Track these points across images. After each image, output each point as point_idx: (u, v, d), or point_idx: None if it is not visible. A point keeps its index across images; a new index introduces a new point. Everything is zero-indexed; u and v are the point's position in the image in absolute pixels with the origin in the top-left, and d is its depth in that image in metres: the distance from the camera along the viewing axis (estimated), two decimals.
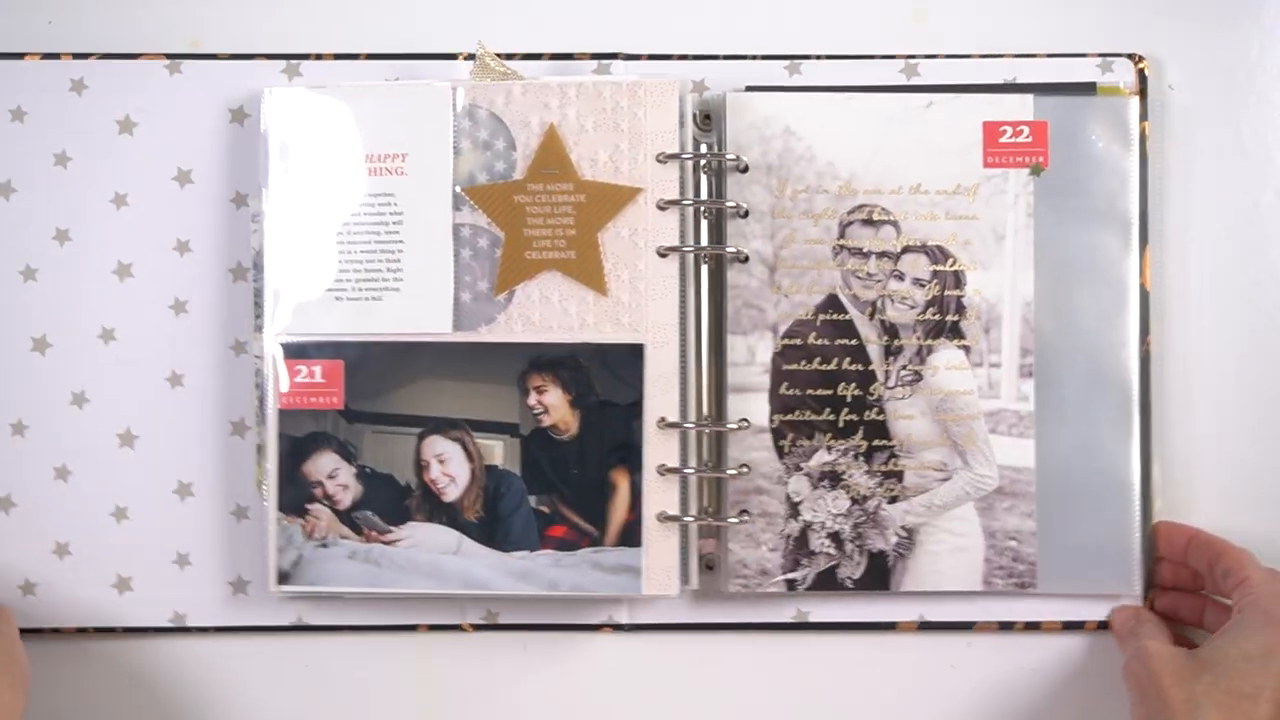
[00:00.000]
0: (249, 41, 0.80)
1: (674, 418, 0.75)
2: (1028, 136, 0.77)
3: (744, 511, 0.77)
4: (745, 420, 0.77)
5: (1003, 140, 0.77)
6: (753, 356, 0.77)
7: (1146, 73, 0.78)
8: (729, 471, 0.76)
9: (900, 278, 0.77)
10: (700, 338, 0.77)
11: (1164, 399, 0.78)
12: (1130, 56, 0.78)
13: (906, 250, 0.77)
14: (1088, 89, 0.78)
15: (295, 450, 0.76)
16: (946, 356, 0.77)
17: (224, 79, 0.79)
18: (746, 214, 0.77)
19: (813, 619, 0.78)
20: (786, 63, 0.79)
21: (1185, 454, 0.79)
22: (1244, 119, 0.80)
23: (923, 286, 0.77)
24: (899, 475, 0.77)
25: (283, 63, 0.79)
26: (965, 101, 0.77)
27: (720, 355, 0.77)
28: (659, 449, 0.75)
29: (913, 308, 0.77)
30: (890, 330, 0.77)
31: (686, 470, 0.75)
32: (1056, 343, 0.77)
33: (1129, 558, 0.77)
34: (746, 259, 0.77)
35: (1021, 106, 0.77)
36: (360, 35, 0.80)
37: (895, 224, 0.77)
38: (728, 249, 0.76)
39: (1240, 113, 0.80)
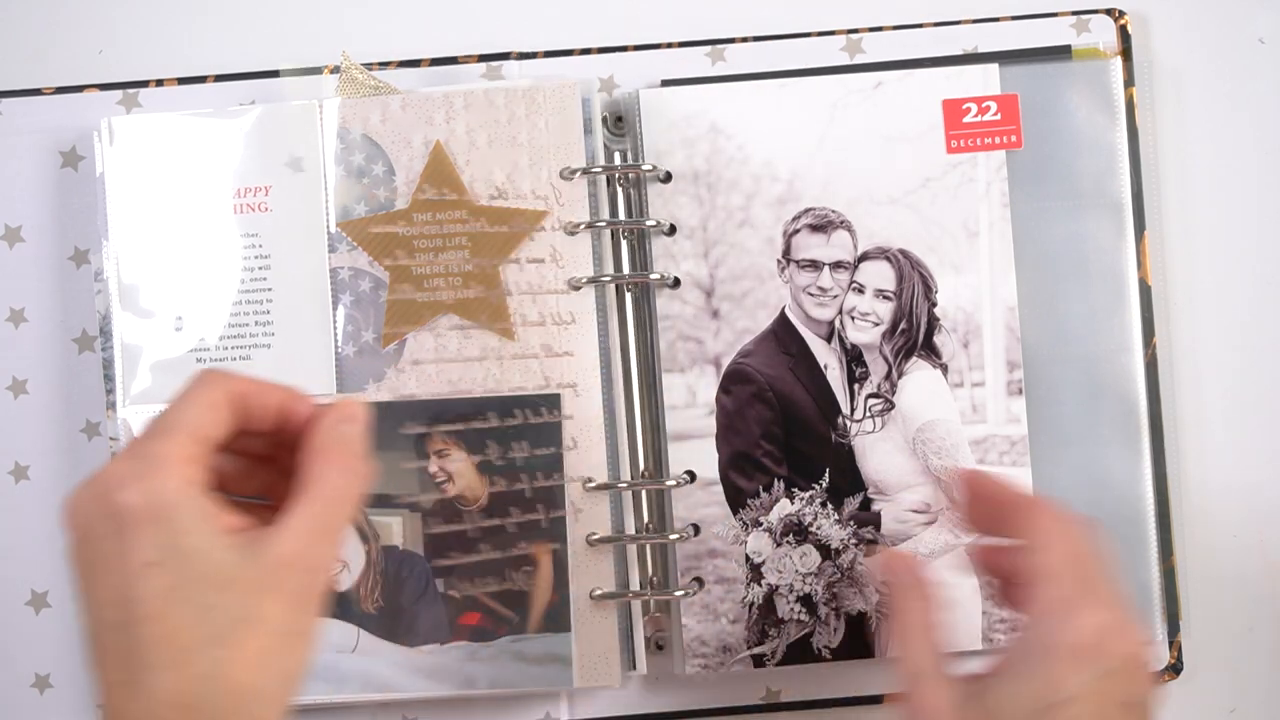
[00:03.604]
0: (77, 71, 0.75)
1: (602, 477, 0.70)
2: (995, 113, 0.72)
3: (697, 580, 0.71)
4: (690, 473, 0.71)
5: (967, 120, 0.72)
6: (694, 397, 0.71)
7: (1129, 29, 0.74)
8: (674, 535, 0.70)
9: (860, 290, 0.72)
10: (633, 380, 0.71)
11: (1176, 411, 0.74)
12: (1109, 12, 0.74)
13: (865, 258, 0.72)
14: (1061, 53, 0.73)
15: None
16: (921, 378, 0.71)
17: (51, 116, 0.74)
18: (674, 230, 0.71)
19: (786, 698, 0.73)
20: (708, 49, 0.74)
21: (1201, 474, 0.74)
22: (1245, 79, 0.76)
23: (887, 299, 0.71)
24: (876, 522, 0.71)
25: (118, 93, 0.74)
26: (920, 78, 0.72)
27: (655, 399, 0.72)
28: (586, 515, 0.70)
29: (877, 324, 0.71)
30: (853, 353, 0.71)
31: (624, 538, 0.70)
32: (1045, 353, 0.72)
33: (1148, 596, 0.72)
34: (678, 283, 0.71)
35: (986, 79, 0.72)
36: (205, 55, 0.75)
37: (849, 227, 0.71)
38: (653, 274, 0.71)
39: (1240, 72, 0.76)
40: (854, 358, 0.71)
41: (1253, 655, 0.74)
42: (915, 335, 0.71)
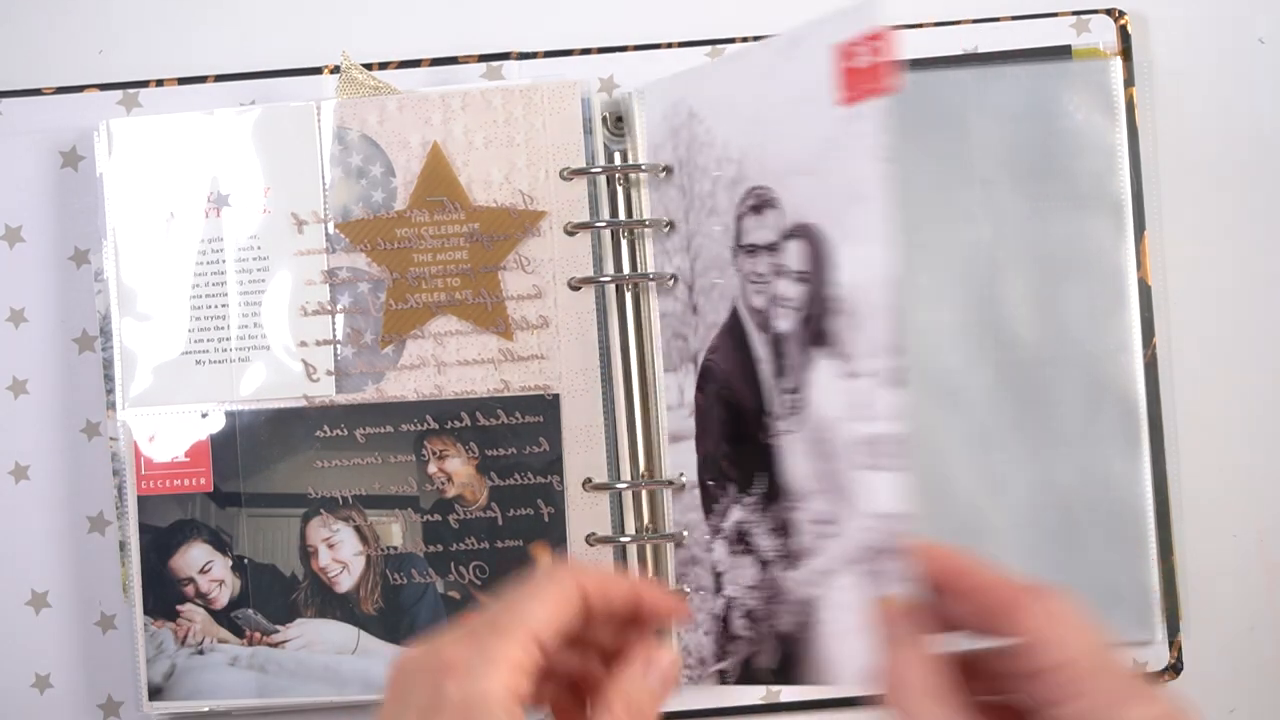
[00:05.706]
0: (77, 71, 0.75)
1: (601, 477, 0.69)
2: (886, 54, 0.56)
3: (681, 589, 0.68)
4: (684, 475, 0.68)
5: (856, 63, 0.56)
6: (683, 397, 0.68)
7: (1129, 29, 0.74)
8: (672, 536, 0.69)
9: (785, 273, 0.61)
10: (633, 380, 0.70)
11: (1176, 411, 0.73)
12: (1109, 12, 0.74)
13: (790, 236, 0.60)
14: (1062, 53, 0.73)
15: (160, 543, 0.70)
16: (821, 370, 0.58)
17: (51, 117, 0.74)
18: (671, 227, 0.70)
19: (785, 698, 0.73)
20: (708, 49, 0.74)
21: (1201, 474, 0.74)
22: (1245, 79, 0.75)
23: (803, 281, 0.60)
24: (798, 531, 0.60)
25: (118, 93, 0.74)
26: (811, 27, 0.59)
27: (653, 399, 0.70)
28: (586, 515, 0.69)
29: (797, 309, 0.60)
30: (778, 344, 0.61)
31: (623, 539, 0.69)
32: (1046, 353, 0.72)
33: (1148, 599, 0.72)
34: (675, 280, 0.69)
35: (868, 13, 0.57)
36: (206, 55, 0.75)
37: (778, 205, 0.61)
38: (652, 272, 0.70)
39: (1240, 72, 0.75)
40: (778, 349, 0.62)
41: (1253, 655, 0.73)
42: (818, 321, 0.59)
